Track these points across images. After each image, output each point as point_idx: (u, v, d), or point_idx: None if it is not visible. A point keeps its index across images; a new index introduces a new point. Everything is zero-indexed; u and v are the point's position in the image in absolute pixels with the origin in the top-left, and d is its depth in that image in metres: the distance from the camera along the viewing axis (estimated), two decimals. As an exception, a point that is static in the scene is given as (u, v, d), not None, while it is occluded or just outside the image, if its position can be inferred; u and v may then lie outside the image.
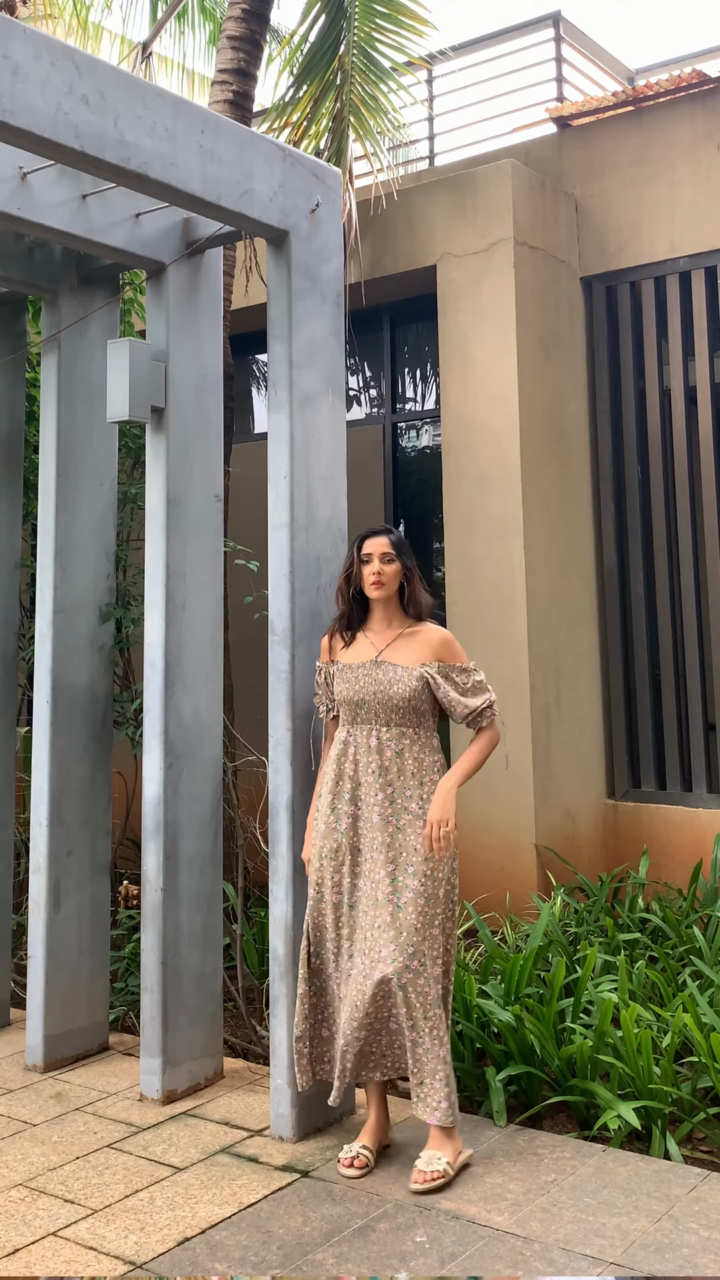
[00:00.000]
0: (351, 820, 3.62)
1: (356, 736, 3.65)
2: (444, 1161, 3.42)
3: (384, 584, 3.65)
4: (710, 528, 6.48)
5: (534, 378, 6.44)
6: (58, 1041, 4.50)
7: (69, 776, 4.62)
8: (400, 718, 3.61)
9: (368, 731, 3.63)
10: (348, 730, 3.68)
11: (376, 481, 7.40)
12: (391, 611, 3.72)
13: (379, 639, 3.70)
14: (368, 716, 3.63)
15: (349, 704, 3.66)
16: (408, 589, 3.70)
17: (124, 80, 3.53)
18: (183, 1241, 3.15)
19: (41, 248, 4.65)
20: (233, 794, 4.99)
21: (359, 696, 3.63)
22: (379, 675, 3.62)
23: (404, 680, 3.60)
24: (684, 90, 6.71)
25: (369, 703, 3.62)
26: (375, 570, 3.65)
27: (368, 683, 3.63)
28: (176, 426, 4.32)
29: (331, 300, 4.17)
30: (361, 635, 3.74)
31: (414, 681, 3.59)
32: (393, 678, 3.61)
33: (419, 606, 3.71)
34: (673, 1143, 3.66)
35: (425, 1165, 3.42)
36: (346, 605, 3.74)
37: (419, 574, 3.74)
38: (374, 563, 3.65)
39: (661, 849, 6.36)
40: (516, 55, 7.99)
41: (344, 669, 3.70)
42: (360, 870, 3.60)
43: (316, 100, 6.98)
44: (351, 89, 6.81)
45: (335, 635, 3.78)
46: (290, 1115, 3.76)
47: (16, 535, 5.12)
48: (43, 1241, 3.16)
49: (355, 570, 3.69)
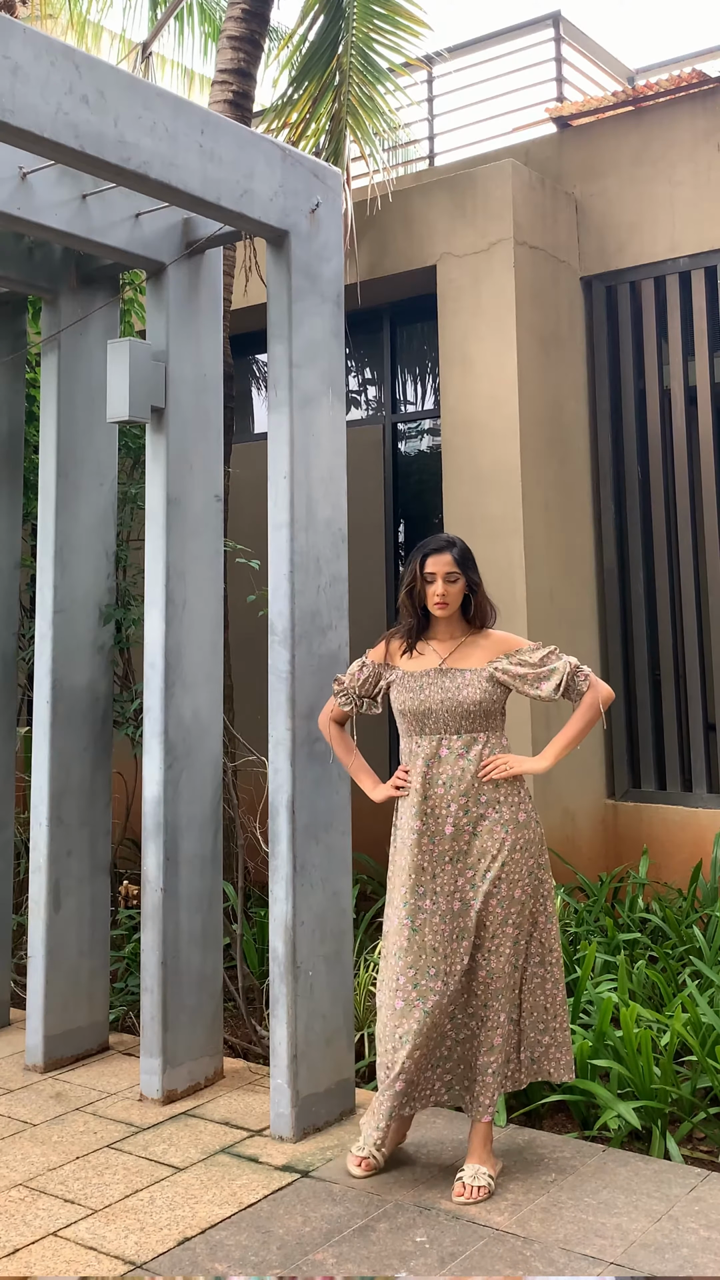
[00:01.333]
0: (417, 836, 3.49)
1: (424, 748, 3.53)
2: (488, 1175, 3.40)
3: (448, 604, 3.54)
4: (710, 528, 6.48)
5: (534, 378, 6.44)
6: (58, 1041, 4.50)
7: (69, 776, 4.62)
8: (470, 723, 3.50)
9: (435, 742, 3.52)
10: (414, 741, 3.56)
11: (376, 481, 7.41)
12: (454, 623, 3.60)
13: (443, 648, 3.59)
14: (435, 726, 3.51)
15: (414, 715, 3.53)
16: (472, 602, 3.59)
17: (124, 80, 3.53)
18: (183, 1241, 3.15)
19: (41, 248, 4.65)
20: (233, 794, 4.99)
21: (425, 706, 3.51)
22: (445, 683, 3.52)
23: (473, 683, 3.50)
24: (684, 90, 6.71)
25: (436, 711, 3.50)
26: (439, 591, 3.52)
27: (434, 691, 3.51)
28: (176, 426, 4.32)
29: (331, 300, 4.17)
30: (424, 644, 3.62)
31: (483, 683, 3.50)
32: (461, 683, 3.51)
33: (484, 618, 3.61)
34: (673, 1143, 3.66)
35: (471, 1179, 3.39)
36: (414, 617, 3.61)
37: (483, 585, 3.62)
38: (438, 583, 3.53)
39: (661, 849, 6.36)
40: (516, 55, 8.00)
41: (405, 677, 3.58)
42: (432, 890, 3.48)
43: (315, 101, 6.99)
44: (349, 90, 6.82)
45: (397, 640, 3.66)
46: (290, 1115, 3.76)
47: (16, 535, 5.12)
48: (43, 1241, 3.16)
49: (419, 587, 3.57)
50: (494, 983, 3.45)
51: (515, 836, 3.47)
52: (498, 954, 3.45)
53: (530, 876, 3.50)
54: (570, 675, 3.50)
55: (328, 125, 6.94)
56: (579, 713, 3.51)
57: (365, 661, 3.71)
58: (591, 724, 3.52)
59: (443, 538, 3.60)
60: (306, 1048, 3.82)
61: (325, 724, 3.82)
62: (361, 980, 4.72)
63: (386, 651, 3.68)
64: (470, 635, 3.61)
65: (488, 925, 3.45)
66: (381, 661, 3.68)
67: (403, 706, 3.56)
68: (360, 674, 3.70)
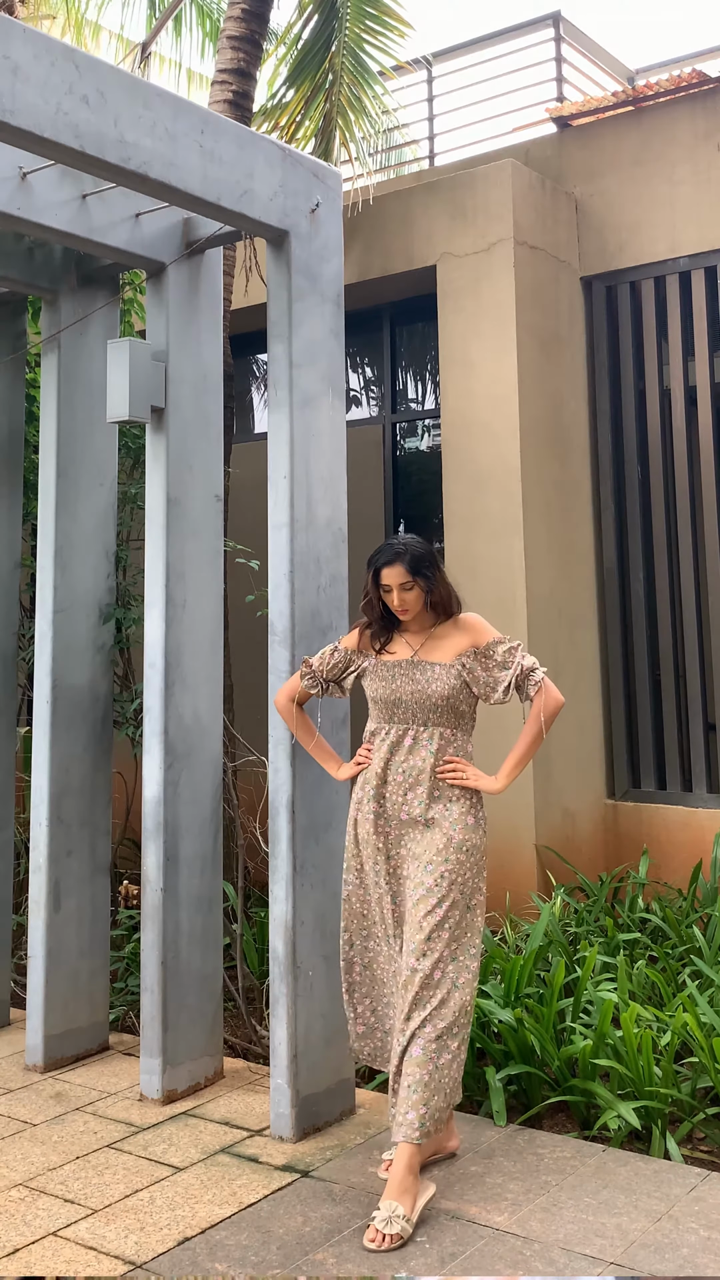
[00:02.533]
0: (374, 818, 3.53)
1: (391, 735, 3.56)
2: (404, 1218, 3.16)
3: (409, 610, 3.56)
4: (710, 528, 6.48)
5: (534, 378, 6.44)
6: (58, 1041, 4.50)
7: (69, 776, 4.62)
8: (439, 717, 3.51)
9: (402, 731, 3.54)
10: (382, 726, 3.59)
11: (376, 481, 7.40)
12: (423, 616, 3.61)
13: (415, 640, 3.61)
14: (404, 716, 3.54)
15: (384, 703, 3.56)
16: (432, 598, 3.58)
17: (124, 80, 3.53)
18: (183, 1241, 3.15)
19: (41, 248, 4.65)
20: (233, 794, 4.99)
21: (395, 696, 3.53)
22: (416, 675, 3.53)
23: (442, 678, 3.50)
24: (684, 90, 6.71)
25: (406, 702, 3.52)
26: (397, 601, 3.54)
27: (404, 682, 3.53)
28: (176, 426, 4.32)
29: (331, 300, 4.17)
30: (398, 636, 3.64)
31: (452, 679, 3.50)
32: (431, 676, 3.51)
33: (448, 607, 3.60)
34: (673, 1143, 3.66)
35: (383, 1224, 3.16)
36: (375, 621, 3.63)
37: (441, 575, 3.59)
38: (394, 593, 3.53)
39: (661, 849, 6.36)
40: (516, 55, 8.00)
41: (379, 665, 3.60)
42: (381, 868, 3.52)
43: (307, 101, 6.99)
44: (339, 91, 6.82)
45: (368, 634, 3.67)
46: (290, 1115, 3.76)
47: (16, 535, 5.12)
48: (43, 1241, 3.16)
49: (374, 598, 3.59)
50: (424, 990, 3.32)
51: (462, 838, 3.46)
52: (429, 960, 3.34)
53: (471, 886, 3.45)
54: (520, 678, 3.48)
55: (320, 125, 6.94)
56: (526, 727, 3.51)
57: (338, 647, 3.72)
58: (539, 738, 3.49)
59: (393, 547, 3.55)
60: (306, 1048, 3.82)
61: (284, 704, 3.79)
62: (361, 980, 4.72)
63: (360, 639, 3.69)
64: (440, 625, 3.61)
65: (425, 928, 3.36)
66: (354, 649, 3.69)
67: (375, 694, 3.60)
68: (330, 658, 3.71)
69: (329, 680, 3.73)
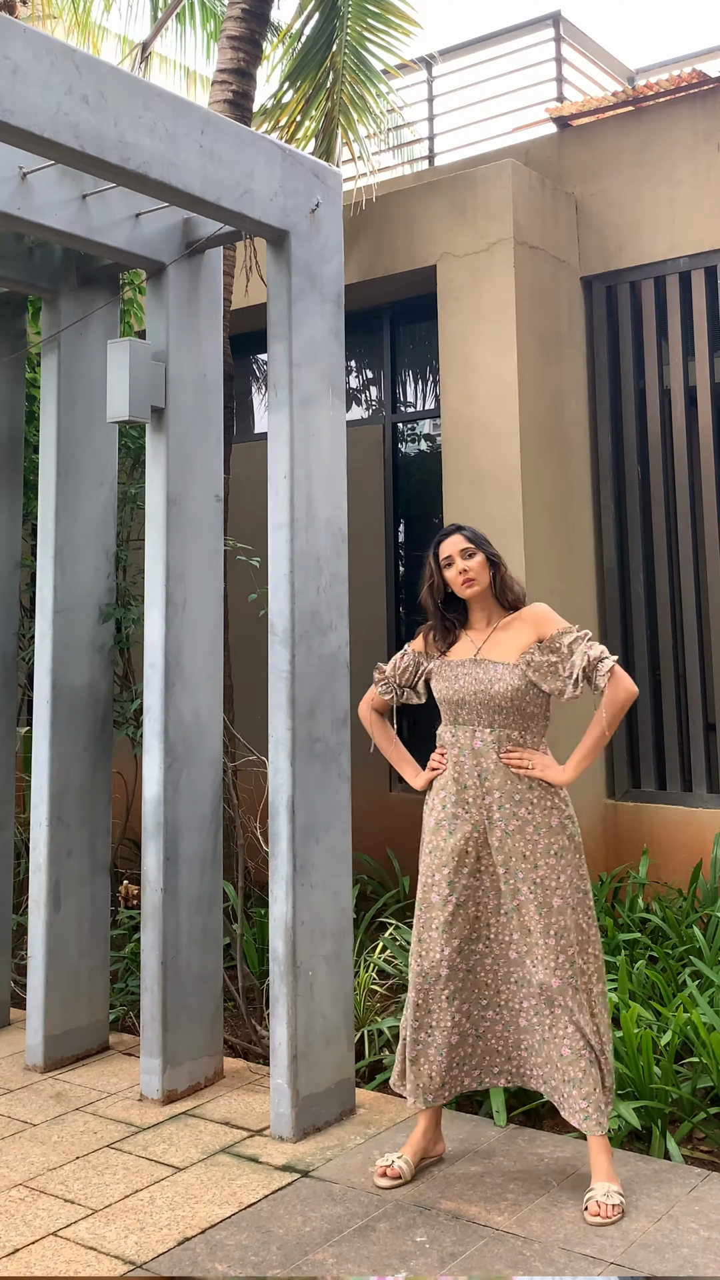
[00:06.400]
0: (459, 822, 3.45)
1: (459, 737, 3.49)
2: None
3: (474, 579, 3.47)
4: (710, 528, 6.48)
5: (534, 378, 6.44)
6: (58, 1041, 4.50)
7: (69, 776, 4.62)
8: (504, 718, 3.42)
9: (470, 732, 3.47)
10: (450, 729, 3.53)
11: (376, 481, 7.41)
12: (488, 606, 3.54)
13: (478, 636, 3.54)
14: (469, 718, 3.47)
15: (450, 704, 3.50)
16: (499, 578, 3.52)
17: (124, 80, 3.53)
18: (183, 1241, 3.15)
19: (41, 248, 4.65)
20: (233, 794, 4.99)
21: (459, 696, 3.47)
22: (479, 674, 3.45)
23: (505, 678, 3.41)
24: (684, 90, 6.71)
25: (469, 703, 3.45)
26: (460, 569, 3.47)
27: (468, 681, 3.46)
28: (176, 426, 4.32)
29: (331, 300, 4.17)
30: (463, 633, 3.58)
31: (515, 679, 3.41)
32: (493, 675, 3.43)
33: (514, 593, 3.54)
34: (673, 1143, 3.66)
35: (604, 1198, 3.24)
36: (438, 617, 3.57)
37: (503, 561, 3.56)
38: (456, 562, 3.48)
39: (661, 849, 6.36)
40: (516, 55, 8.00)
41: (444, 665, 3.54)
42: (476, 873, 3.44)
43: (308, 100, 6.99)
44: (341, 89, 6.81)
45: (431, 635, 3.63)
46: (290, 1115, 3.76)
47: (16, 535, 5.12)
48: (43, 1241, 3.16)
49: (436, 579, 3.53)
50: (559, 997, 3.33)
51: (549, 841, 3.40)
52: (546, 965, 3.33)
53: (570, 885, 3.39)
54: (589, 668, 3.36)
55: (321, 124, 6.93)
56: (595, 717, 3.40)
57: (406, 650, 3.71)
58: (610, 728, 3.40)
59: (450, 526, 3.60)
60: (306, 1048, 3.82)
61: (365, 712, 3.78)
62: (362, 980, 4.72)
63: (426, 641, 3.66)
64: (504, 618, 3.54)
65: (534, 933, 3.36)
66: (421, 650, 3.66)
67: (440, 694, 3.54)
68: (400, 663, 3.70)
69: (402, 685, 3.70)
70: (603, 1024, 3.39)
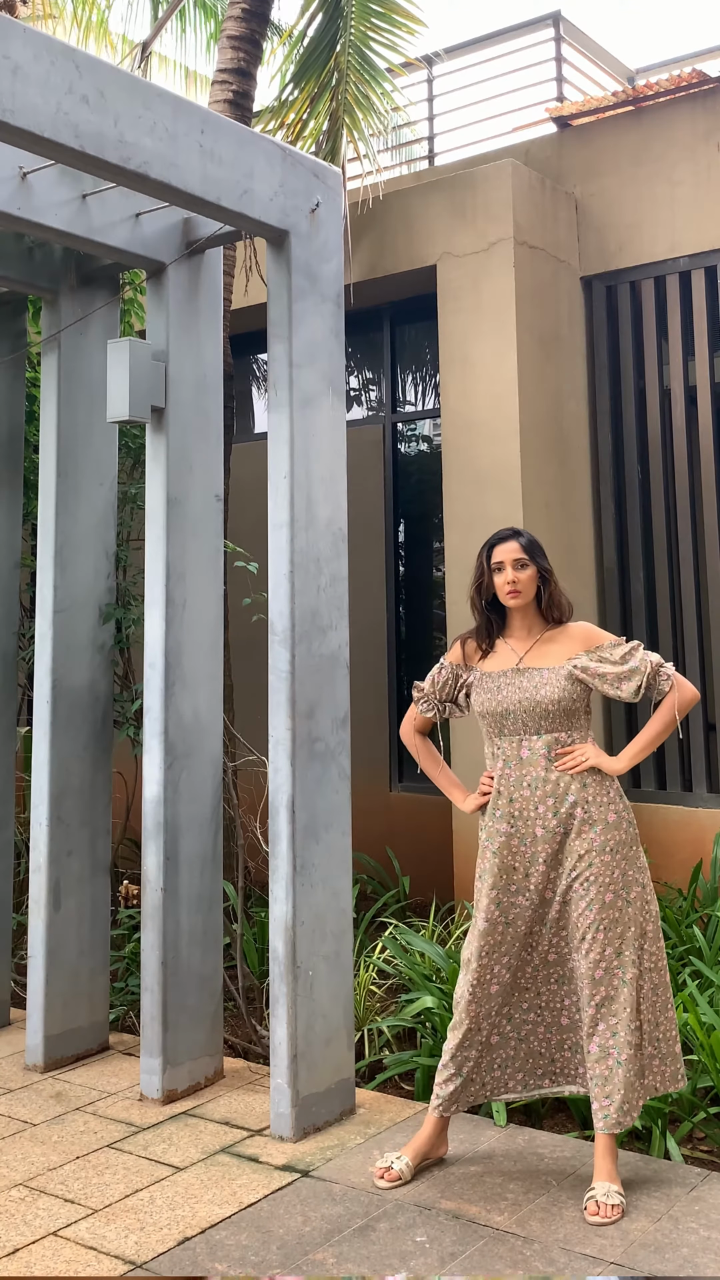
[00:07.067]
0: (505, 839, 3.43)
1: (505, 750, 3.46)
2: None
3: (520, 592, 3.46)
4: (710, 528, 6.48)
5: (534, 378, 6.44)
6: (58, 1041, 4.50)
7: (69, 776, 4.62)
8: (551, 723, 3.41)
9: (516, 744, 3.44)
10: (495, 743, 3.49)
11: (376, 481, 7.41)
12: (530, 618, 3.53)
13: (520, 645, 3.51)
14: (515, 728, 3.44)
15: (493, 716, 3.46)
16: (545, 593, 3.50)
17: (124, 80, 3.53)
18: (183, 1241, 3.15)
19: (41, 248, 4.65)
20: (233, 794, 4.99)
21: (503, 707, 3.43)
22: (523, 682, 3.43)
23: (551, 682, 3.40)
24: (684, 90, 6.71)
25: (514, 712, 3.42)
26: (509, 579, 3.45)
27: (511, 691, 3.43)
28: (176, 426, 4.32)
29: (331, 300, 4.17)
30: (501, 642, 3.55)
31: (562, 681, 3.39)
32: (539, 682, 3.41)
33: (560, 610, 3.52)
34: (673, 1143, 3.66)
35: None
36: (482, 616, 3.54)
37: (555, 576, 3.54)
38: (506, 570, 3.45)
39: (661, 849, 6.36)
40: (516, 55, 8.00)
41: (483, 678, 3.51)
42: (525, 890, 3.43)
43: (313, 100, 6.99)
44: (346, 89, 6.81)
45: (471, 641, 3.59)
46: (290, 1115, 3.76)
47: (16, 535, 5.12)
48: (43, 1241, 3.16)
49: (486, 580, 3.50)
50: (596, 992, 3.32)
51: (605, 838, 3.38)
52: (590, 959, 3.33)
53: (624, 880, 3.38)
54: (651, 675, 3.40)
55: (326, 125, 6.93)
56: (658, 714, 3.43)
57: (443, 664, 3.65)
58: (670, 726, 3.42)
59: (508, 529, 3.57)
60: (306, 1048, 3.82)
61: (408, 735, 3.73)
62: (362, 980, 4.72)
63: (463, 653, 3.61)
64: (548, 630, 3.52)
65: (580, 929, 3.35)
66: (459, 663, 3.61)
67: (481, 708, 3.49)
68: (439, 677, 3.64)
69: (443, 700, 3.65)
70: (648, 1021, 3.36)
